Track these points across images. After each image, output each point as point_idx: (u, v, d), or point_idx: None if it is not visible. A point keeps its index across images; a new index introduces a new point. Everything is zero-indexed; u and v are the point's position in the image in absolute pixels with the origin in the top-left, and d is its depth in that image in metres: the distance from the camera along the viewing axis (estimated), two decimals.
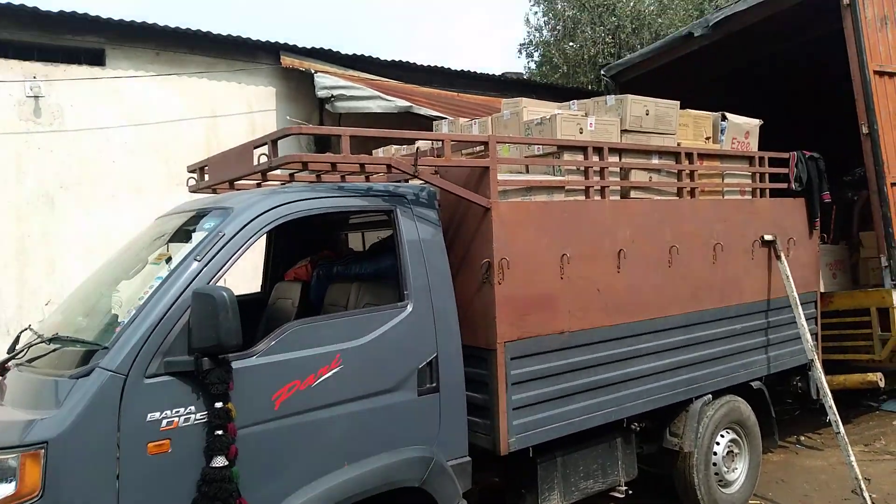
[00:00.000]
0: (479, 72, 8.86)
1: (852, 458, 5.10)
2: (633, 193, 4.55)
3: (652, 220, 4.56)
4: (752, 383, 5.33)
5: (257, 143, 3.39)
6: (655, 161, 4.67)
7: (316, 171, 4.02)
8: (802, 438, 6.98)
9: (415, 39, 44.41)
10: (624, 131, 4.50)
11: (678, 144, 4.85)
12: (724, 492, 5.12)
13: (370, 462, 3.18)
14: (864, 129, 6.07)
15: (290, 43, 7.08)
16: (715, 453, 5.05)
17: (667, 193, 4.79)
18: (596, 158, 4.28)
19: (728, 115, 5.22)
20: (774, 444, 5.73)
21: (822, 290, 6.37)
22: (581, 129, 4.23)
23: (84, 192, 6.73)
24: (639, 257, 4.45)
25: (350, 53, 7.55)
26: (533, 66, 21.30)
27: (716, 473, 5.06)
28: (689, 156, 4.84)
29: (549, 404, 3.97)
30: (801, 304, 5.75)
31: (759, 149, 5.78)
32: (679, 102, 4.84)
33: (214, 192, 4.25)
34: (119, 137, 6.63)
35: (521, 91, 9.04)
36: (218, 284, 2.89)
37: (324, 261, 4.54)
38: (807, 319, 5.84)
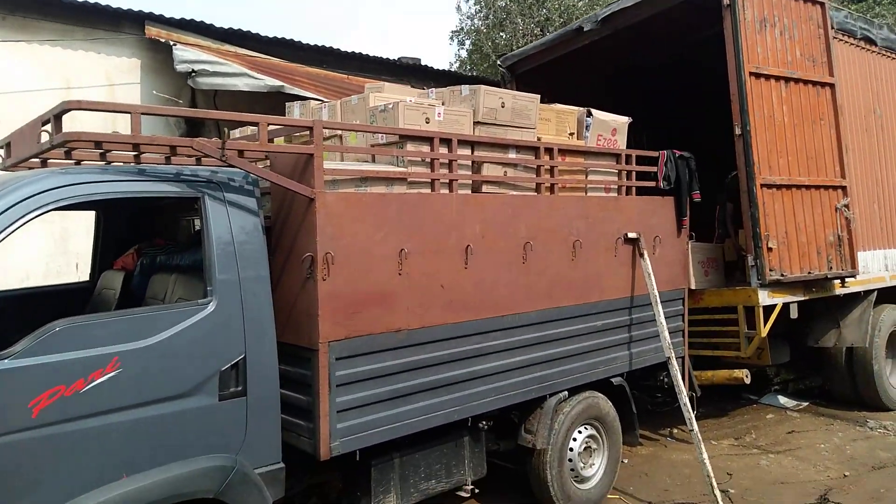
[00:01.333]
0: (372, 55, 8.56)
1: (704, 456, 5.18)
2: (485, 188, 4.40)
3: (505, 216, 4.43)
4: (613, 379, 5.33)
5: (44, 119, 3.03)
6: (512, 155, 4.54)
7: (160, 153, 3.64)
8: (675, 432, 7.10)
9: (354, 23, 43.55)
10: (477, 123, 4.34)
11: (538, 139, 4.73)
12: (580, 487, 5.10)
13: (154, 473, 2.92)
14: (738, 131, 6.13)
15: (157, 13, 6.61)
16: (571, 449, 5.03)
17: (524, 188, 4.68)
18: (444, 150, 4.11)
19: (594, 111, 5.15)
20: (636, 440, 5.76)
21: (693, 286, 6.45)
22: (428, 118, 4.04)
23: None
24: (490, 253, 4.32)
25: (226, 27, 7.12)
26: (464, 53, 21.20)
27: (571, 469, 5.03)
28: (549, 151, 4.73)
29: (382, 405, 3.81)
30: (669, 301, 5.81)
31: (635, 146, 5.77)
32: (539, 96, 4.73)
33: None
34: None
35: (419, 77, 8.83)
36: None
37: (151, 249, 4.20)
38: (674, 316, 5.92)
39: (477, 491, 4.54)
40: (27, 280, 6.00)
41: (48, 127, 2.96)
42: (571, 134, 5.02)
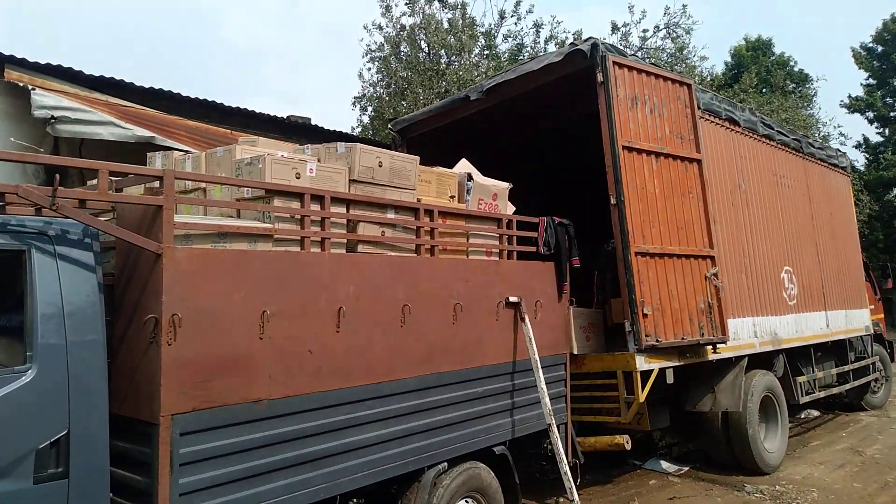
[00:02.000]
0: (258, 111, 8.36)
1: None
2: (362, 247, 4.23)
3: (382, 277, 4.26)
4: (495, 448, 5.15)
5: None
6: (391, 215, 4.42)
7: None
8: (561, 501, 6.96)
9: (261, 83, 43.35)
10: (353, 181, 4.20)
11: (418, 200, 4.65)
12: None
13: None
14: (613, 200, 6.35)
15: (19, 56, 6.13)
16: None
17: (403, 249, 4.55)
18: (316, 207, 3.92)
19: (474, 175, 5.17)
20: None
21: (575, 351, 6.49)
22: (298, 174, 3.86)
23: None
24: (365, 316, 4.12)
25: (96, 75, 6.73)
26: (366, 119, 21.37)
27: None
28: (429, 212, 4.65)
29: (237, 485, 3.43)
30: (552, 366, 5.78)
31: (521, 212, 5.83)
32: (419, 158, 4.67)
33: None
34: None
35: (309, 136, 8.68)
36: None
37: None
38: (557, 382, 5.88)
39: None
40: None
41: None
42: (452, 197, 4.99)
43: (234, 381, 3.42)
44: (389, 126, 8.57)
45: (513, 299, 5.28)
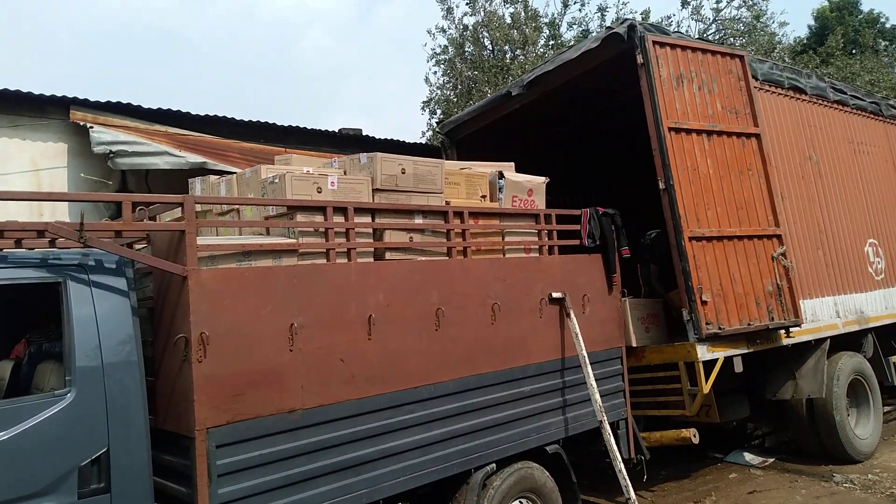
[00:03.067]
0: (309, 128, 8.63)
1: None
2: (390, 254, 4.29)
3: (412, 282, 4.30)
4: (548, 447, 5.08)
5: None
6: (419, 220, 4.45)
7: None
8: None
9: (339, 98, 44.86)
10: (376, 190, 4.26)
11: (446, 203, 4.66)
12: None
13: None
14: (662, 185, 6.12)
15: (81, 97, 6.63)
16: None
17: (434, 253, 4.57)
18: (340, 219, 4.01)
19: (506, 173, 5.12)
20: None
21: (633, 344, 6.30)
22: (320, 188, 3.96)
23: None
24: (396, 322, 4.17)
25: (154, 108, 7.17)
26: (435, 122, 21.58)
27: None
28: (458, 214, 4.65)
29: (275, 493, 3.55)
30: (605, 360, 5.64)
31: (569, 205, 5.74)
32: (443, 161, 4.68)
33: None
34: None
35: (361, 147, 8.87)
36: None
37: (41, 336, 4.01)
38: (613, 377, 5.74)
39: None
40: None
41: None
42: (483, 196, 4.96)
43: (266, 394, 3.55)
44: (437, 129, 8.61)
45: (556, 295, 5.19)
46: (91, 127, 6.34)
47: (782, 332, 6.59)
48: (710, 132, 6.42)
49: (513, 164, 5.43)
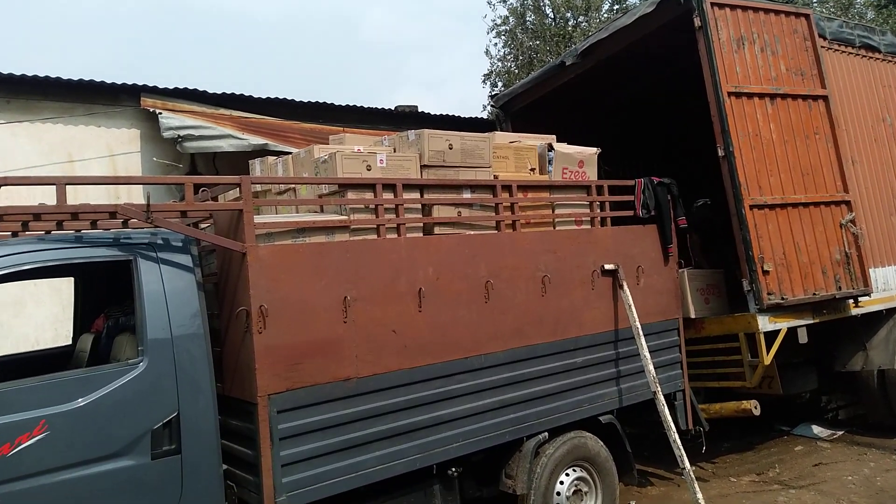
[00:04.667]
0: (366, 106, 8.78)
1: (698, 496, 4.89)
2: (439, 229, 4.39)
3: (461, 256, 4.39)
4: (601, 418, 5.13)
5: None
6: (467, 195, 4.53)
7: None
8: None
9: (403, 76, 45.07)
10: (424, 166, 4.36)
11: (495, 177, 4.71)
12: None
13: None
14: (721, 152, 5.96)
15: (151, 84, 6.99)
16: (558, 493, 4.83)
17: (483, 227, 4.64)
18: (389, 195, 4.14)
19: (555, 145, 5.11)
20: (634, 480, 5.50)
21: (692, 315, 6.23)
22: (369, 166, 4.09)
23: None
24: (446, 295, 4.28)
25: (219, 92, 7.46)
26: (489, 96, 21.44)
27: None
28: (507, 188, 4.70)
29: (334, 456, 3.76)
30: (662, 332, 5.61)
31: (626, 177, 5.68)
32: (492, 135, 4.72)
33: None
34: None
35: (418, 123, 8.97)
36: None
37: (117, 311, 4.34)
38: (670, 348, 5.70)
39: None
40: (36, 346, 6.27)
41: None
42: (533, 169, 4.98)
43: (322, 363, 3.75)
44: (491, 103, 8.60)
45: (609, 267, 5.18)
46: (160, 113, 6.69)
47: (851, 301, 6.35)
48: (773, 95, 6.19)
49: (554, 136, 5.41)
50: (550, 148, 5.06)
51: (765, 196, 5.95)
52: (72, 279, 4.83)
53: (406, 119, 9.30)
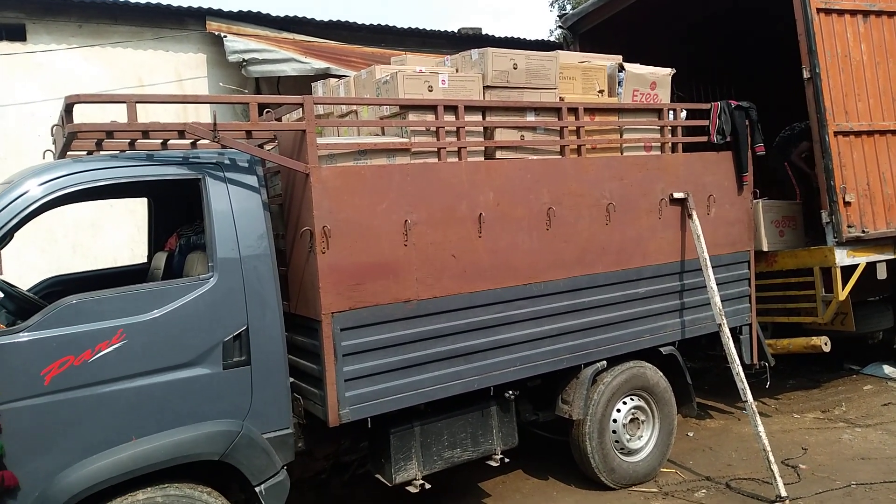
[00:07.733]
0: (429, 29, 8.53)
1: (760, 429, 4.81)
2: (501, 153, 4.30)
3: (523, 181, 4.31)
4: (662, 349, 5.07)
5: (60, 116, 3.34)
6: (531, 118, 4.40)
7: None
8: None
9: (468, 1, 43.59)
10: (488, 87, 4.23)
11: (561, 99, 4.54)
12: (626, 460, 4.94)
13: (161, 436, 3.17)
14: (806, 74, 5.56)
15: (216, 7, 6.99)
16: (614, 420, 4.87)
17: (547, 152, 4.52)
18: (451, 117, 4.06)
19: (626, 65, 4.86)
20: (693, 412, 5.47)
21: (765, 248, 6.00)
22: (431, 87, 4.00)
23: (10, 167, 6.86)
24: (506, 220, 4.24)
25: (282, 16, 7.39)
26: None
27: (616, 441, 4.88)
28: (573, 111, 4.53)
29: (393, 374, 3.87)
30: (731, 264, 5.44)
31: (701, 99, 5.41)
32: (559, 54, 4.52)
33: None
34: (44, 111, 6.68)
35: (482, 46, 8.70)
36: None
37: (189, 230, 4.50)
38: (738, 280, 5.53)
39: (507, 461, 4.51)
40: (114, 264, 6.62)
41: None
42: (601, 91, 4.77)
43: (384, 284, 3.81)
44: (559, 23, 8.22)
45: (678, 195, 5.00)
46: (225, 36, 6.71)
47: None
48: (866, 12, 5.68)
49: (620, 57, 5.13)
50: (621, 68, 4.82)
51: (851, 122, 5.56)
52: (145, 200, 5.00)
53: (469, 42, 9.02)
